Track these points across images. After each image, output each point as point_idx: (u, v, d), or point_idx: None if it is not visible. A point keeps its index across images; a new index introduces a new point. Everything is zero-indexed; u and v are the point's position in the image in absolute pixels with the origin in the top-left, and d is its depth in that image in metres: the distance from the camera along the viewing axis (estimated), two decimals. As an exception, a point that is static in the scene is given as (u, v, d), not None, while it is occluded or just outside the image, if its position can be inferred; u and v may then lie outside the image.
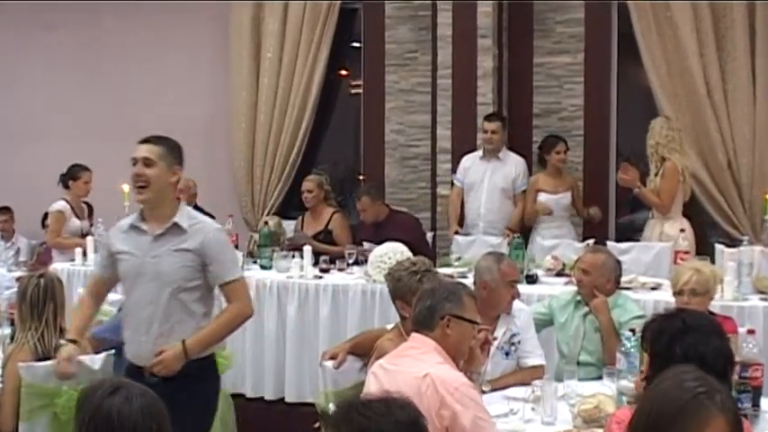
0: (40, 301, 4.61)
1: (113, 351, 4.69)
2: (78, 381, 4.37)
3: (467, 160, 7.91)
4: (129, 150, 9.73)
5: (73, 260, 7.48)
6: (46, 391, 4.39)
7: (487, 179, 7.80)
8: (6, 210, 9.28)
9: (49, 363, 4.41)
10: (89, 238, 7.48)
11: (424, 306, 3.67)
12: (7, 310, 5.27)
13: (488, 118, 7.78)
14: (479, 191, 7.82)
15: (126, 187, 7.67)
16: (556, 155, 7.69)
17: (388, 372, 3.58)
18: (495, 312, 4.68)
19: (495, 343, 4.56)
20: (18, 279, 5.64)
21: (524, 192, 7.82)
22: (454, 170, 7.99)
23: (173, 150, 4.33)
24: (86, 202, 8.21)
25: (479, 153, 7.88)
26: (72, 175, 7.97)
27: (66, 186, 7.98)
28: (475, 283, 4.75)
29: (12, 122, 10.20)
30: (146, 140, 4.31)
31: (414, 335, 3.71)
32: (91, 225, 7.90)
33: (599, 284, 4.97)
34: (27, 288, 4.65)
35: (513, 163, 7.86)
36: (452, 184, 8.02)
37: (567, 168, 7.97)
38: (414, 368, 3.49)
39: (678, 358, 3.10)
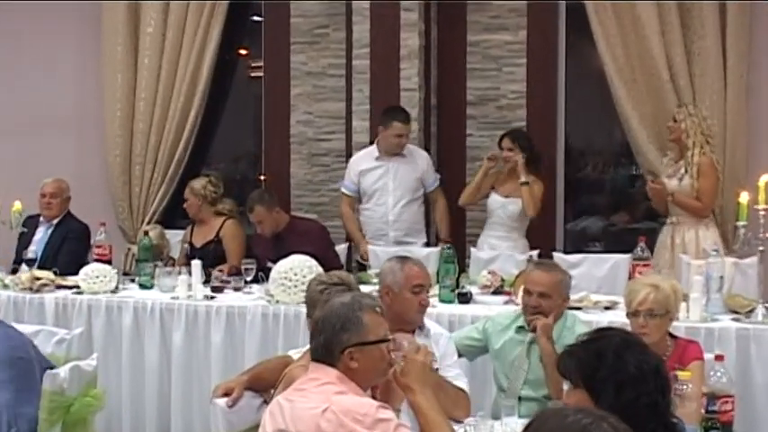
0: None
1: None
2: None
3: (360, 162, 8.01)
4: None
5: None
6: None
7: (392, 181, 7.91)
8: None
9: None
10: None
11: (319, 342, 3.66)
12: None
13: (403, 119, 7.79)
14: (384, 196, 7.93)
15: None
16: (500, 151, 7.74)
17: (283, 409, 3.57)
18: (403, 324, 4.70)
19: None
20: None
21: (437, 189, 8.03)
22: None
23: None
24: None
25: (373, 152, 7.96)
26: None
27: None
28: (380, 291, 4.82)
29: None
30: None
31: (314, 364, 3.70)
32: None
33: (557, 307, 4.99)
34: None
35: (419, 158, 7.99)
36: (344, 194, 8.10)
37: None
38: (310, 403, 3.48)
39: (632, 375, 3.16)
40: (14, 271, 7.47)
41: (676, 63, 7.81)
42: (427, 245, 7.92)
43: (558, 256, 7.02)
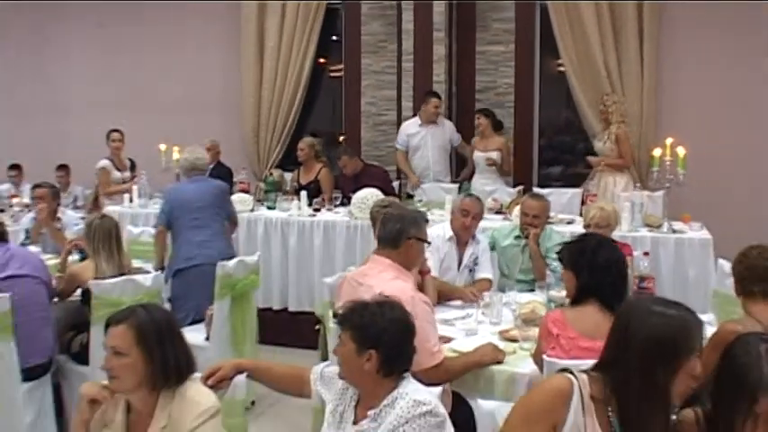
0: (104, 235, 4.63)
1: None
2: (136, 293, 4.38)
3: (409, 127, 7.93)
4: (166, 119, 9.73)
5: (121, 204, 7.44)
6: (110, 302, 4.27)
7: (429, 141, 7.86)
8: (64, 167, 9.16)
9: (116, 280, 4.43)
10: (134, 187, 7.45)
11: (395, 228, 3.59)
12: (75, 242, 5.20)
13: (436, 95, 7.78)
14: (425, 150, 7.88)
15: (163, 146, 7.64)
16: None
17: (355, 288, 3.48)
18: (458, 237, 4.81)
19: (465, 262, 4.78)
20: (83, 218, 5.61)
21: (461, 143, 8.01)
22: (416, 135, 8.02)
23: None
24: (130, 159, 8.14)
25: (417, 121, 7.89)
26: (107, 137, 7.94)
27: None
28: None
29: (69, 99, 10.10)
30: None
31: (374, 256, 3.63)
32: (134, 177, 7.83)
33: (543, 223, 4.99)
34: (92, 225, 4.66)
35: (447, 125, 7.97)
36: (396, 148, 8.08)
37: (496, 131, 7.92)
38: (371, 283, 3.41)
39: (601, 265, 3.17)
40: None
41: (611, 65, 7.74)
42: (453, 182, 7.89)
43: (535, 191, 7.03)
